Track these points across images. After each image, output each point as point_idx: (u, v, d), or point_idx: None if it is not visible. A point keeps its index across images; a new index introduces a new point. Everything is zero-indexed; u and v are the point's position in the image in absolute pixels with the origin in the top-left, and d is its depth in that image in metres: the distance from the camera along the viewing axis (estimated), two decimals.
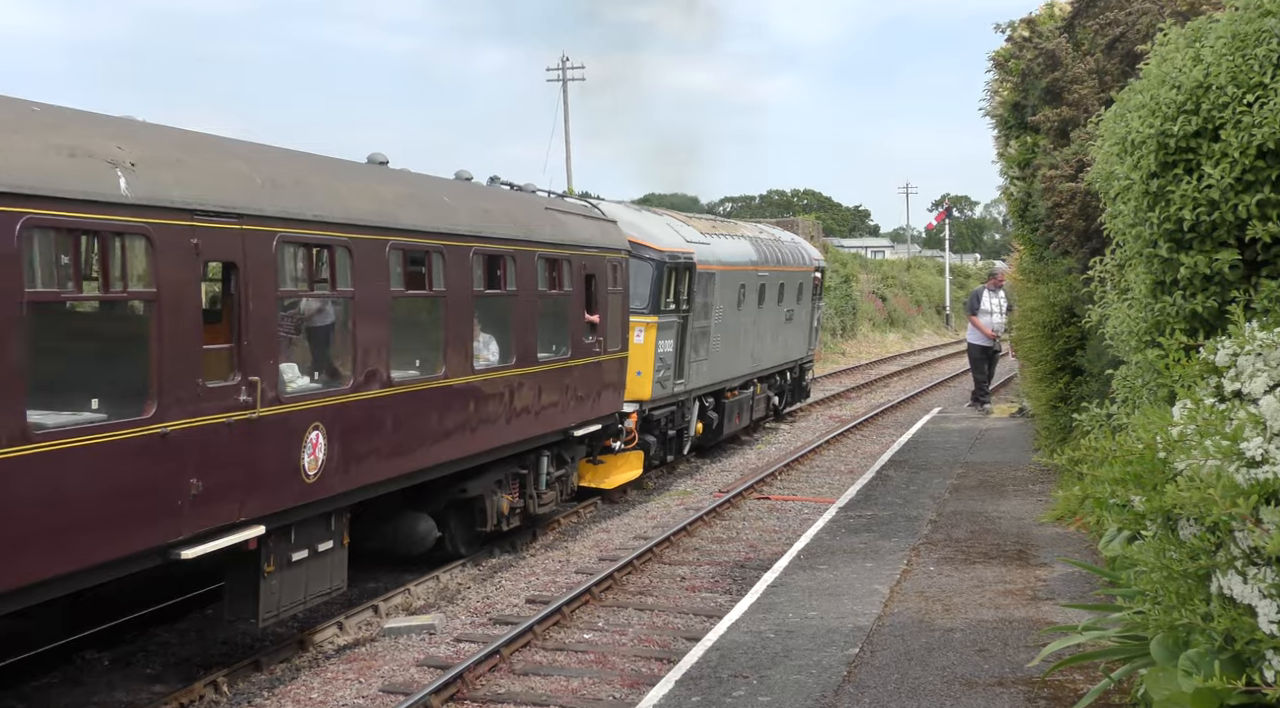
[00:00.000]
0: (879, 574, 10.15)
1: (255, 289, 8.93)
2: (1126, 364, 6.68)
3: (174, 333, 8.09)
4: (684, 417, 19.34)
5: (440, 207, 12.02)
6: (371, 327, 10.42)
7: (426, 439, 11.44)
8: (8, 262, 6.81)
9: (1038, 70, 13.30)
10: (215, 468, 8.47)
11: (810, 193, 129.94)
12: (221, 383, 8.59)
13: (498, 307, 13.02)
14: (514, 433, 13.22)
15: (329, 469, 9.80)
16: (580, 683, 9.83)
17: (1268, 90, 5.34)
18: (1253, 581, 4.13)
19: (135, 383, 8.09)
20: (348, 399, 10.08)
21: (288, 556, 9.73)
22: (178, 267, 8.14)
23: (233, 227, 8.69)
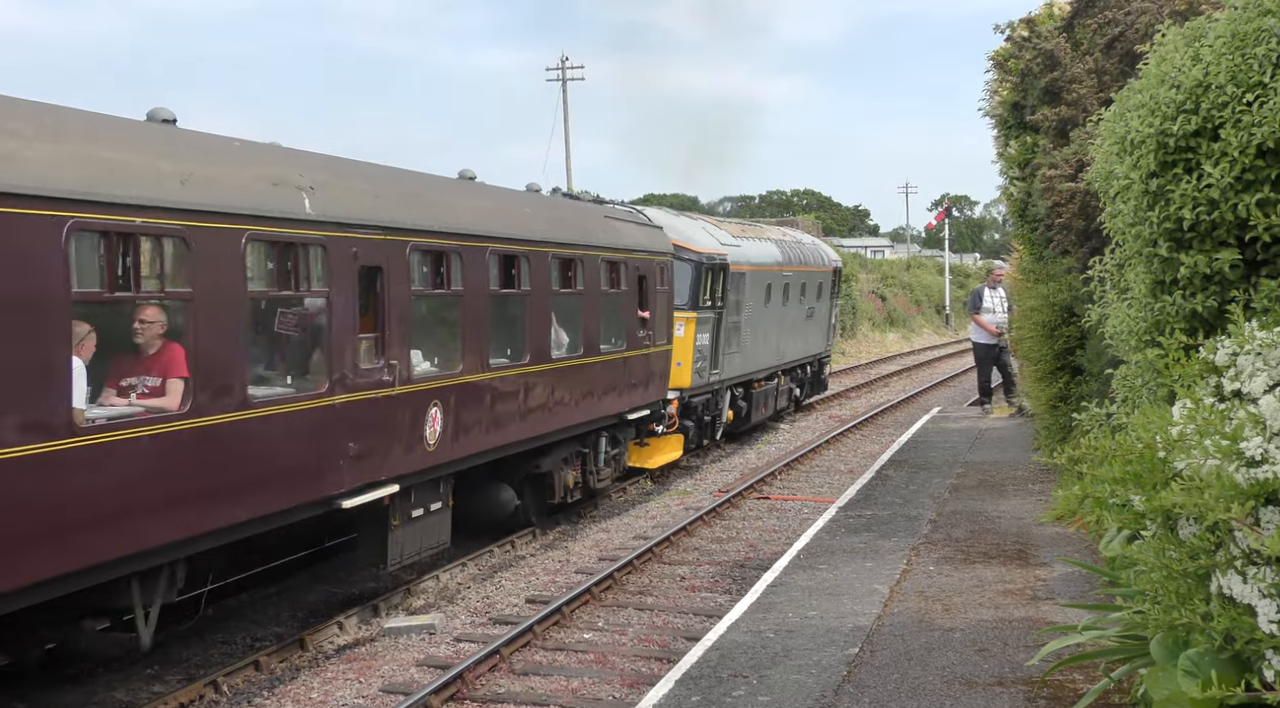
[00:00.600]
0: (879, 574, 10.15)
1: (394, 288, 10.80)
2: (1126, 364, 6.67)
3: (340, 325, 10.06)
4: (718, 404, 21.06)
5: (523, 217, 13.84)
6: (475, 320, 12.31)
7: (513, 418, 13.24)
8: (235, 267, 8.78)
9: (1037, 70, 13.30)
10: (365, 435, 10.34)
11: (810, 193, 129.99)
12: (370, 365, 10.49)
13: (568, 304, 14.79)
14: (580, 415, 14.99)
15: (443, 440, 11.65)
16: (580, 683, 9.83)
17: (1267, 89, 5.34)
18: (1252, 580, 4.13)
19: (315, 364, 10.08)
20: (458, 382, 11.98)
21: (409, 512, 11.45)
22: (343, 270, 10.07)
23: (378, 237, 10.61)
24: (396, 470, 10.87)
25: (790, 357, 25.66)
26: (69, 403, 7.40)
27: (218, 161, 9.13)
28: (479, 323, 12.34)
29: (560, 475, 15.06)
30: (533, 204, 14.79)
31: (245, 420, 8.87)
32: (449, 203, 12.44)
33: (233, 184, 9.01)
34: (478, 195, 13.54)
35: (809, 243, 29.35)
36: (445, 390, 11.70)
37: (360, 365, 10.29)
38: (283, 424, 9.36)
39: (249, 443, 8.94)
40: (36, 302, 7.16)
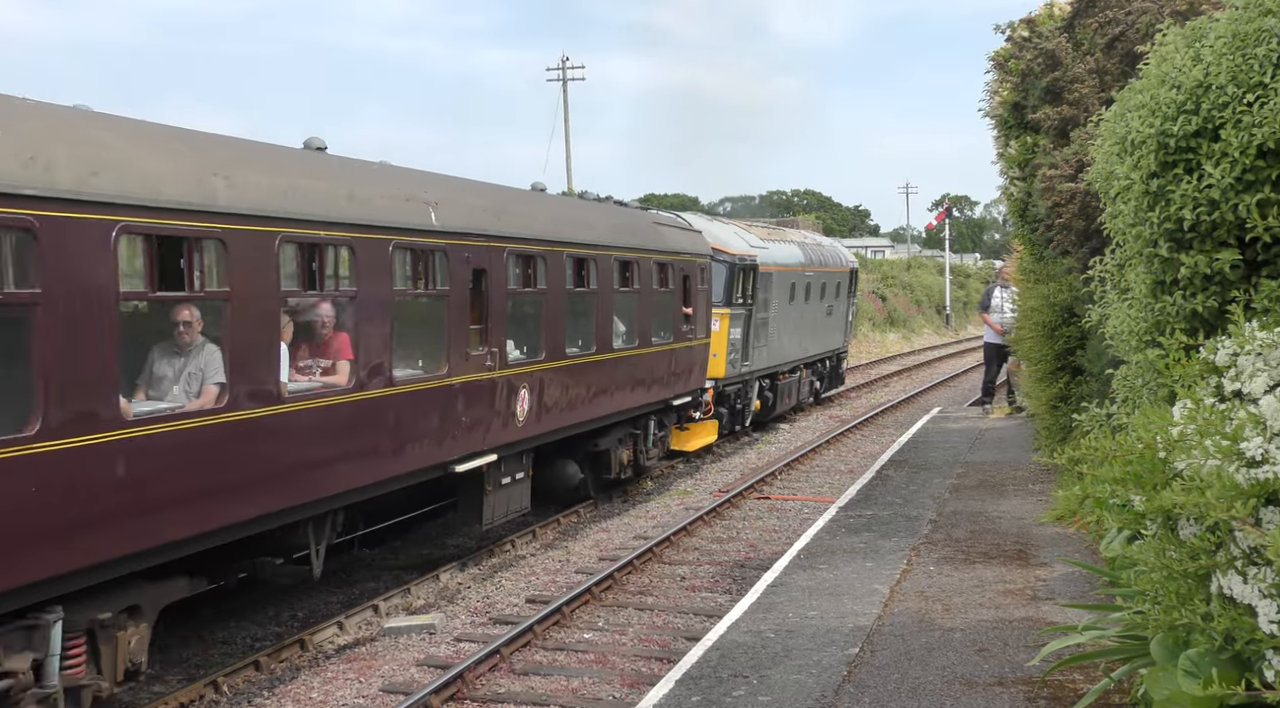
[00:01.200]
0: (879, 574, 10.15)
1: (494, 288, 12.73)
2: (1126, 364, 6.67)
3: (456, 318, 12.02)
4: (748, 394, 23.03)
5: (590, 224, 15.81)
6: (555, 315, 14.23)
7: (582, 401, 15.09)
8: (384, 270, 10.74)
9: (1037, 70, 13.29)
10: (473, 410, 12.28)
11: (810, 193, 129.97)
12: (478, 353, 12.43)
13: (626, 301, 16.66)
14: (634, 399, 16.92)
15: (529, 418, 13.53)
16: (580, 683, 9.83)
17: (1268, 90, 5.34)
18: (1253, 580, 4.13)
19: (439, 350, 11.88)
20: (542, 368, 13.86)
21: (500, 479, 13.32)
22: (458, 272, 12.00)
23: (483, 244, 12.50)
24: (493, 442, 12.82)
25: (811, 351, 27.49)
26: (279, 377, 9.40)
27: (367, 183, 11.10)
28: (558, 317, 14.35)
29: (616, 453, 16.84)
30: (596, 212, 16.74)
31: (392, 396, 10.90)
32: (532, 213, 14.32)
33: (381, 202, 10.94)
34: (552, 206, 15.59)
35: (828, 245, 31.39)
36: (532, 375, 13.66)
37: (470, 353, 12.29)
38: (418, 400, 11.38)
39: (394, 414, 10.96)
40: (264, 298, 9.22)
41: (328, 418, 10.03)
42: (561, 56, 66.47)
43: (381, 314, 10.72)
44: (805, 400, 27.99)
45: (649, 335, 17.26)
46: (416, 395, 11.33)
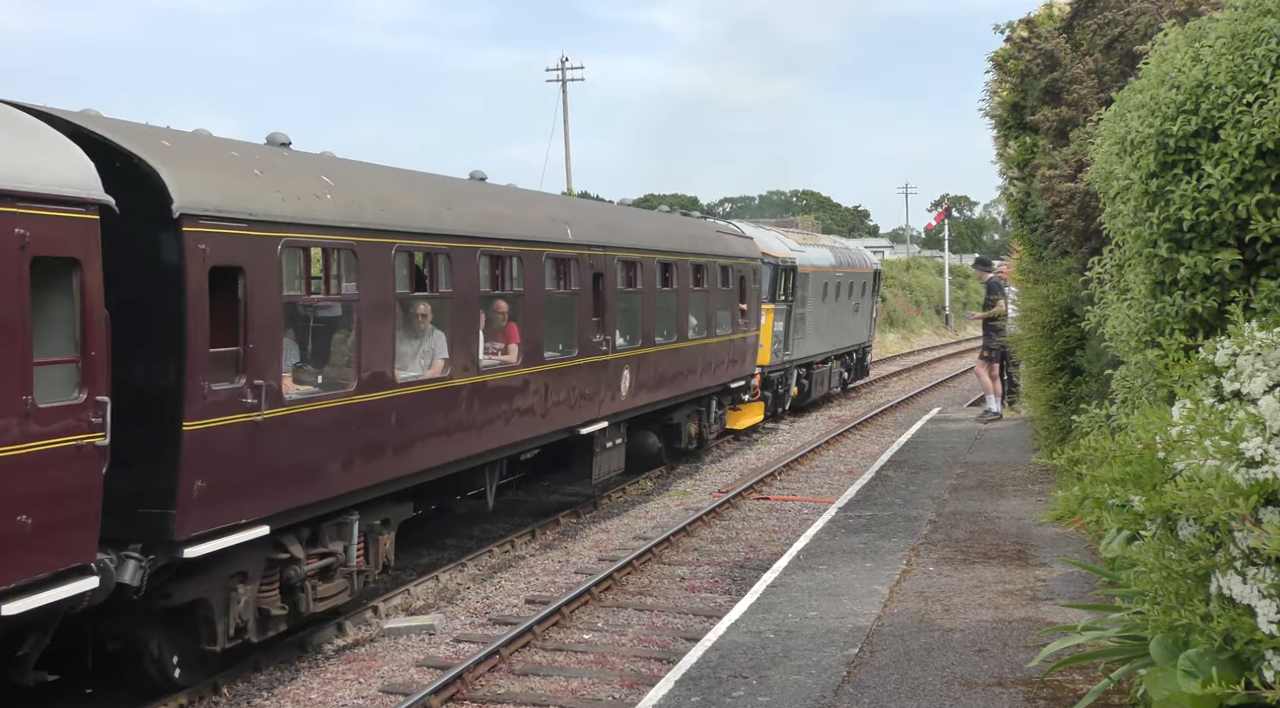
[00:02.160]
0: (878, 574, 10.15)
1: (608, 287, 15.89)
2: (1126, 364, 6.67)
3: (583, 311, 15.14)
4: (788, 380, 26.23)
5: (670, 235, 19.06)
6: (648, 309, 17.48)
7: (665, 381, 18.14)
8: (540, 274, 13.97)
9: (1037, 71, 13.29)
10: (592, 385, 15.31)
11: (810, 193, 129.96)
12: (596, 339, 15.42)
13: (697, 298, 19.73)
14: (702, 381, 19.88)
15: (629, 393, 16.56)
16: (580, 683, 9.83)
17: (1267, 90, 5.34)
18: (1252, 581, 4.13)
19: (570, 338, 14.90)
20: (639, 353, 16.94)
21: (604, 443, 16.07)
22: (584, 276, 15.19)
23: (600, 253, 15.67)
24: (604, 412, 15.78)
25: (841, 344, 30.58)
26: (477, 356, 12.47)
27: (528, 207, 14.61)
28: (650, 311, 17.56)
29: (685, 427, 19.81)
30: (675, 224, 20.35)
31: (544, 372, 13.95)
32: (632, 227, 17.69)
33: (537, 222, 14.22)
34: (645, 220, 19.43)
35: (855, 248, 34.85)
36: (632, 358, 16.73)
37: (592, 339, 15.32)
38: (559, 375, 14.41)
39: (546, 386, 14.00)
40: (470, 297, 12.36)
41: (505, 387, 13.13)
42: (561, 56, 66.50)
43: (538, 309, 13.99)
44: (834, 389, 30.69)
45: (714, 327, 20.32)
46: (558, 372, 14.46)
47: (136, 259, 8.25)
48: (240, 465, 8.93)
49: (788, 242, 26.71)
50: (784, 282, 24.97)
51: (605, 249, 15.83)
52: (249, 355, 8.93)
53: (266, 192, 9.45)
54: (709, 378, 20.08)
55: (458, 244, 12.01)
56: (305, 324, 10.37)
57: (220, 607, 9.14)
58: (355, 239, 10.33)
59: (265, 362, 9.11)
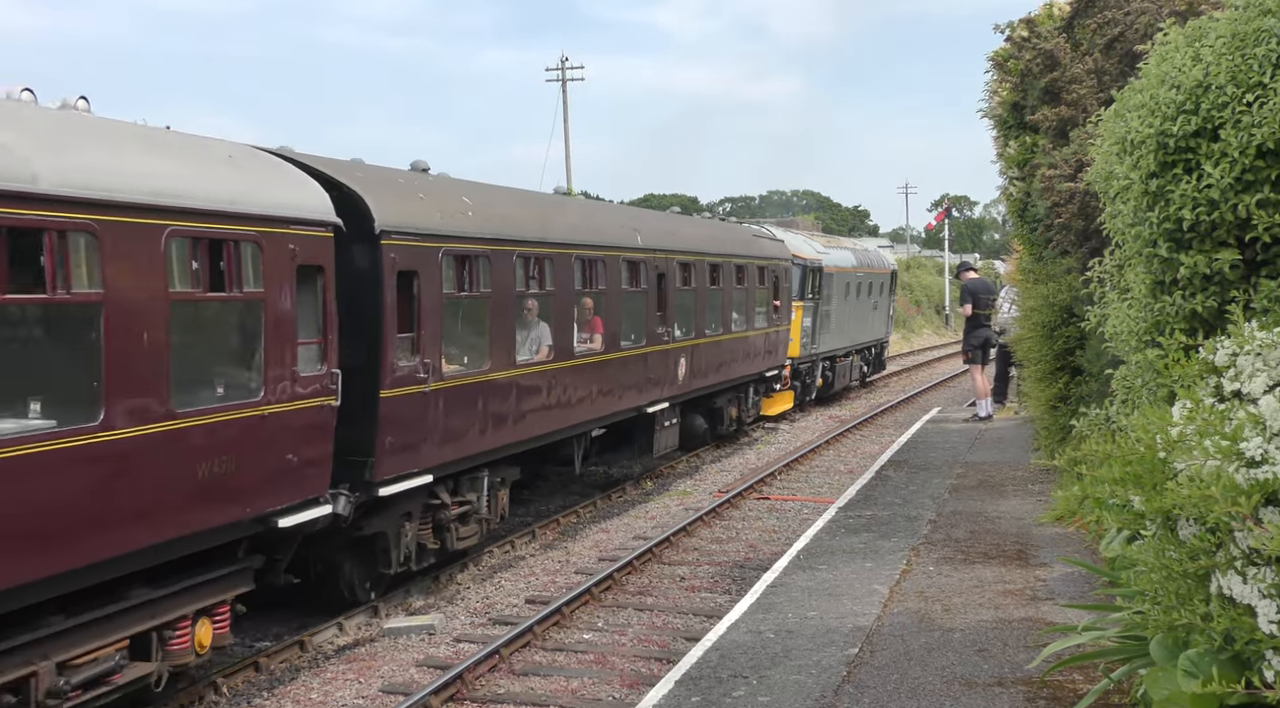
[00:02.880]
0: (878, 574, 10.15)
1: (669, 286, 18.39)
2: (1126, 364, 6.67)
3: (650, 307, 17.69)
4: (814, 372, 28.60)
5: (716, 239, 21.67)
6: (700, 305, 19.92)
7: (714, 368, 20.57)
8: (617, 274, 16.32)
9: (1036, 70, 13.29)
10: (656, 371, 17.90)
11: (810, 193, 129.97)
12: (660, 330, 18.02)
13: (741, 296, 22.21)
14: (742, 369, 22.26)
15: (684, 379, 19.00)
16: (580, 683, 9.82)
17: (1267, 90, 5.34)
18: (1252, 581, 4.13)
19: (640, 330, 17.38)
20: (693, 343, 19.41)
21: (663, 422, 18.48)
22: (651, 276, 17.73)
23: (663, 256, 18.24)
24: (664, 394, 18.25)
25: (861, 340, 32.95)
26: (572, 344, 14.92)
27: (604, 217, 17.66)
28: (701, 306, 19.97)
29: (727, 411, 22.18)
30: (720, 230, 23.28)
31: (621, 358, 16.49)
32: (686, 233, 20.36)
33: (614, 231, 16.85)
34: (697, 226, 22.36)
35: (873, 250, 37.84)
36: (687, 348, 19.17)
37: (656, 331, 17.86)
38: (632, 361, 16.95)
39: (621, 370, 16.53)
40: (569, 293, 14.86)
41: (592, 370, 15.62)
42: (561, 56, 66.43)
43: (616, 304, 16.41)
44: (854, 382, 33.01)
45: (753, 321, 22.81)
46: (631, 358, 16.92)
47: (350, 265, 10.54)
48: (413, 426, 11.37)
49: (813, 244, 29.32)
50: (811, 281, 27.26)
51: (667, 253, 18.44)
52: (420, 339, 11.41)
53: (430, 211, 11.96)
54: (748, 367, 22.58)
55: (558, 250, 14.64)
56: (455, 315, 12.58)
57: (394, 539, 11.63)
58: (489, 247, 12.86)
59: (431, 345, 11.59)
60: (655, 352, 17.80)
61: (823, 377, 29.21)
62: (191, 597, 8.80)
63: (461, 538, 12.84)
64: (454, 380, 12.04)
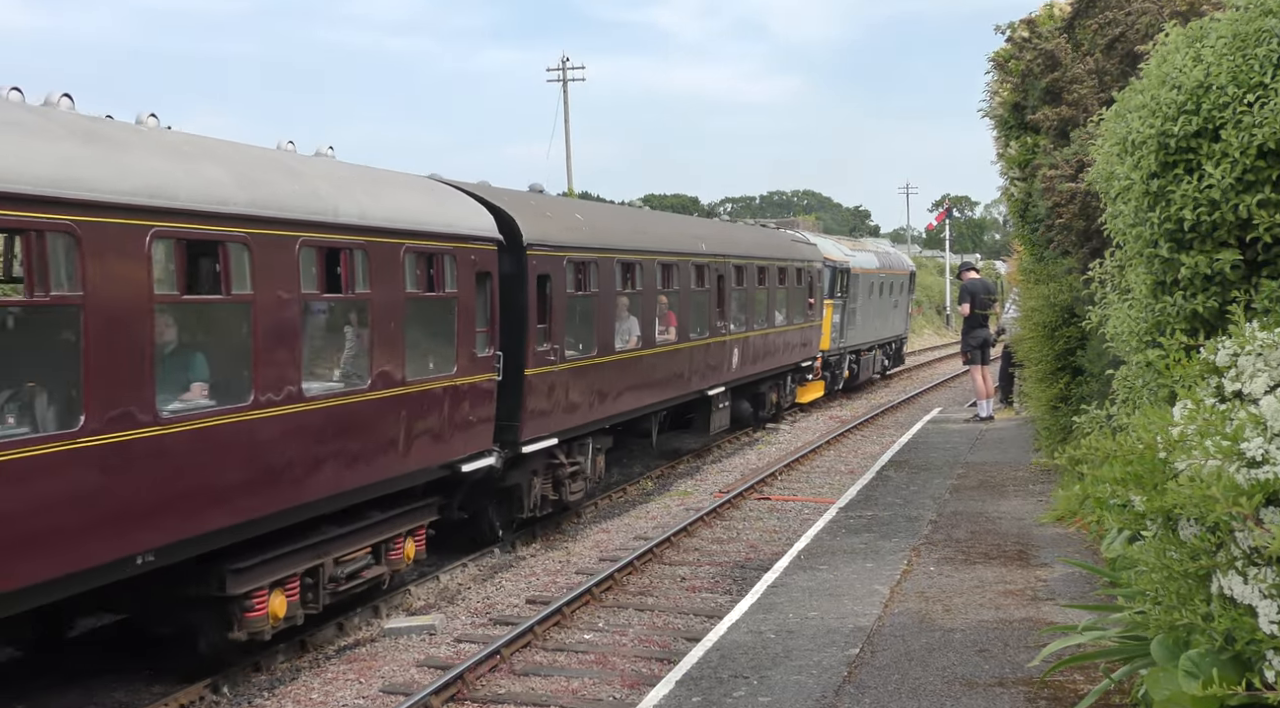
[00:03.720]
0: (879, 575, 10.14)
1: (726, 286, 21.30)
2: (1127, 364, 6.66)
3: (711, 304, 20.51)
4: (842, 364, 31.51)
5: (761, 245, 24.69)
6: (750, 302, 22.80)
7: (759, 358, 23.61)
8: (689, 277, 19.54)
9: (1037, 71, 13.28)
10: (714, 359, 20.71)
11: (810, 193, 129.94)
12: (718, 324, 20.93)
13: (782, 294, 25.29)
14: (782, 360, 25.51)
15: (736, 367, 21.90)
16: (580, 684, 9.82)
17: (1268, 90, 5.34)
18: (1253, 581, 4.13)
19: (704, 324, 20.25)
20: (743, 336, 22.36)
21: (718, 404, 21.29)
22: (711, 277, 20.47)
23: (720, 260, 21.07)
24: (720, 380, 21.18)
25: (883, 335, 35.92)
26: (654, 334, 17.95)
27: (677, 227, 21.24)
28: (751, 304, 22.87)
29: (769, 396, 25.51)
30: (764, 235, 26.60)
31: (691, 347, 19.48)
32: (741, 239, 23.70)
33: (684, 239, 20.07)
34: (748, 233, 25.76)
35: (894, 253, 41.64)
36: (739, 340, 22.18)
37: (716, 324, 20.79)
38: (697, 351, 19.86)
39: (688, 358, 19.42)
40: (653, 292, 17.80)
41: (668, 357, 18.67)
42: (561, 56, 66.46)
43: (686, 301, 19.44)
44: (876, 374, 36.12)
45: (792, 318, 25.90)
46: (697, 348, 19.88)
47: (502, 271, 13.46)
48: (546, 399, 14.40)
49: (842, 247, 32.60)
50: (840, 281, 30.12)
51: (724, 257, 21.34)
52: (551, 329, 14.43)
53: (557, 227, 15.10)
54: (786, 358, 25.72)
55: (645, 257, 17.80)
56: (573, 310, 15.27)
57: (526, 489, 14.42)
58: (596, 255, 15.94)
59: (559, 334, 14.62)
60: (715, 343, 20.74)
61: (849, 369, 32.11)
62: (404, 521, 11.84)
63: (572, 492, 15.65)
64: (572, 363, 15.10)
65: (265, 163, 10.17)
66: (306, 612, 10.32)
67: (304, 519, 10.06)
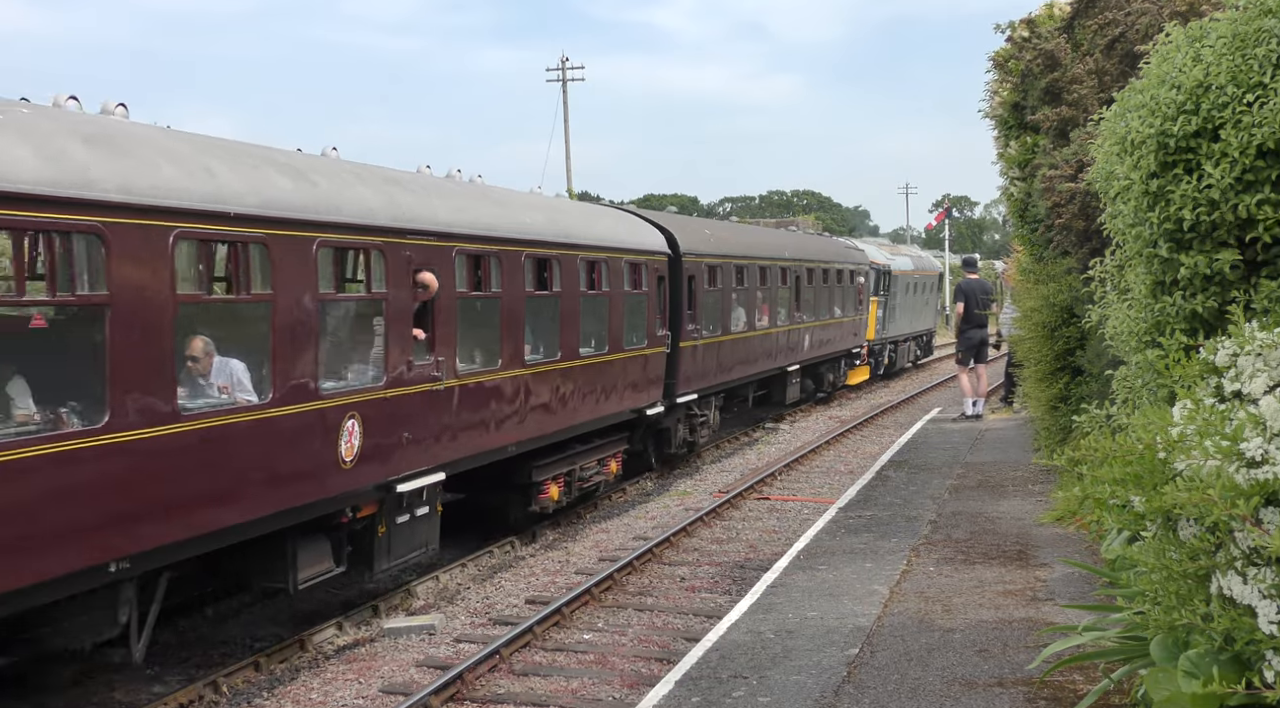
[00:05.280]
0: (879, 575, 10.14)
1: (801, 284, 26.34)
2: (1126, 364, 6.66)
3: (788, 299, 25.60)
4: (883, 352, 36.77)
5: (825, 251, 29.72)
6: (816, 298, 27.54)
7: (821, 344, 28.44)
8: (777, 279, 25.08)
9: (1037, 70, 13.28)
10: (789, 343, 25.63)
11: (810, 193, 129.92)
12: (796, 315, 25.84)
13: (839, 292, 30.09)
14: (839, 346, 30.55)
15: (805, 350, 26.63)
16: (580, 684, 9.82)
17: (1267, 90, 5.33)
18: (1253, 581, 4.13)
19: (786, 314, 25.44)
20: (810, 325, 26.96)
21: (792, 380, 26.32)
22: (789, 278, 25.61)
23: (796, 264, 26.13)
24: (795, 360, 26.22)
25: (916, 329, 41.60)
26: (755, 321, 23.05)
27: (771, 238, 27.19)
28: (817, 300, 27.84)
29: (827, 376, 30.51)
30: (825, 242, 31.93)
31: (777, 332, 24.33)
32: (809, 246, 28.59)
33: (773, 247, 25.26)
34: (815, 241, 30.66)
35: (926, 256, 48.03)
36: (809, 328, 27.01)
37: (794, 315, 25.75)
38: (778, 336, 24.52)
39: (776, 342, 24.24)
40: (754, 288, 23.19)
41: (764, 339, 23.57)
42: (561, 56, 66.44)
43: (775, 296, 24.46)
44: (909, 363, 41.44)
45: (847, 310, 30.77)
46: (780, 333, 24.78)
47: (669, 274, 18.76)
48: (690, 365, 19.53)
49: (883, 252, 38.37)
50: (882, 281, 35.19)
51: (799, 261, 26.40)
52: (696, 313, 19.68)
53: (697, 240, 20.47)
54: (841, 344, 30.72)
55: (750, 261, 22.79)
56: (708, 301, 20.42)
57: (674, 431, 19.55)
58: (720, 260, 21.10)
59: (700, 317, 19.89)
60: (793, 329, 25.90)
61: (889, 357, 37.30)
62: (612, 447, 17.20)
63: (701, 437, 21.07)
64: (706, 339, 20.21)
65: (537, 205, 15.38)
66: (567, 498, 15.60)
67: (563, 440, 15.16)
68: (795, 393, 26.75)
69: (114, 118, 8.94)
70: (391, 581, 12.71)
